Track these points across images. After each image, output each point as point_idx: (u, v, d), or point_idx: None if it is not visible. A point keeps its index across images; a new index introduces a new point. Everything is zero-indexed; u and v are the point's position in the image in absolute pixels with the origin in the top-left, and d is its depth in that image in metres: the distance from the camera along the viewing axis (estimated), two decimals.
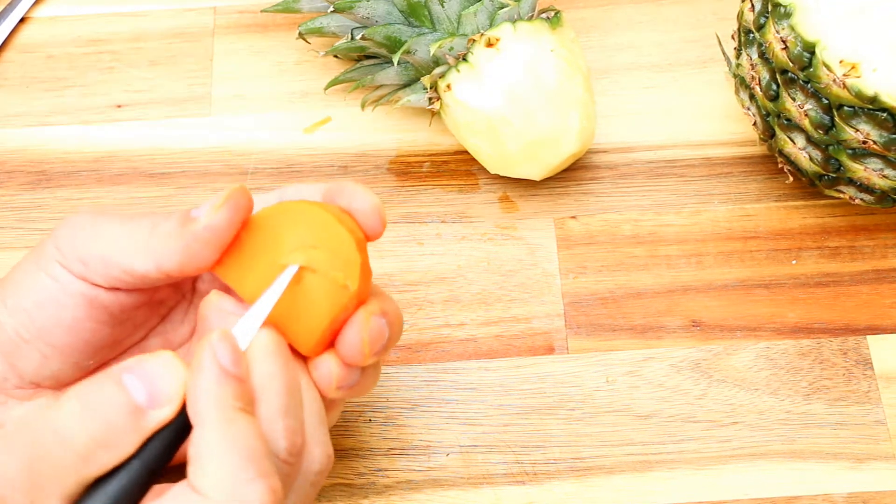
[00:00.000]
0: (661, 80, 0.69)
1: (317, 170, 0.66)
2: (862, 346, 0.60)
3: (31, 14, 0.72)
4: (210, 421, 0.44)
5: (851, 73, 0.54)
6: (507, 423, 0.59)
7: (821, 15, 0.55)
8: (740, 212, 0.65)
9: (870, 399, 0.59)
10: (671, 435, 0.58)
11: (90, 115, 0.68)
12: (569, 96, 0.61)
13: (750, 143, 0.67)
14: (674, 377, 0.60)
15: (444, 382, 0.60)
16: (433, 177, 0.66)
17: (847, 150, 0.57)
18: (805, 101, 0.57)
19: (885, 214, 0.64)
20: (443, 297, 0.62)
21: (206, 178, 0.66)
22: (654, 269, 0.63)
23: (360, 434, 0.59)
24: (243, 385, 0.45)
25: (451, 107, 0.61)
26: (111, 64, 0.70)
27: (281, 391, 0.46)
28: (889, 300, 0.62)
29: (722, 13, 0.71)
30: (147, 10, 0.72)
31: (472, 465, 0.58)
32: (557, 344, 0.61)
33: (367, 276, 0.48)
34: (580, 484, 0.57)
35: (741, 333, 0.61)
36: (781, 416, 0.59)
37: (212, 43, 0.71)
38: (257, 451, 0.44)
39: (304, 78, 0.70)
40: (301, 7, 0.66)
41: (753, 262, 0.63)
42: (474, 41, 0.60)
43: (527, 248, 0.64)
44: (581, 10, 0.71)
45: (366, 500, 0.57)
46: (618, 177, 0.66)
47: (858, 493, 0.57)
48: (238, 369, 0.45)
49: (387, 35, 0.62)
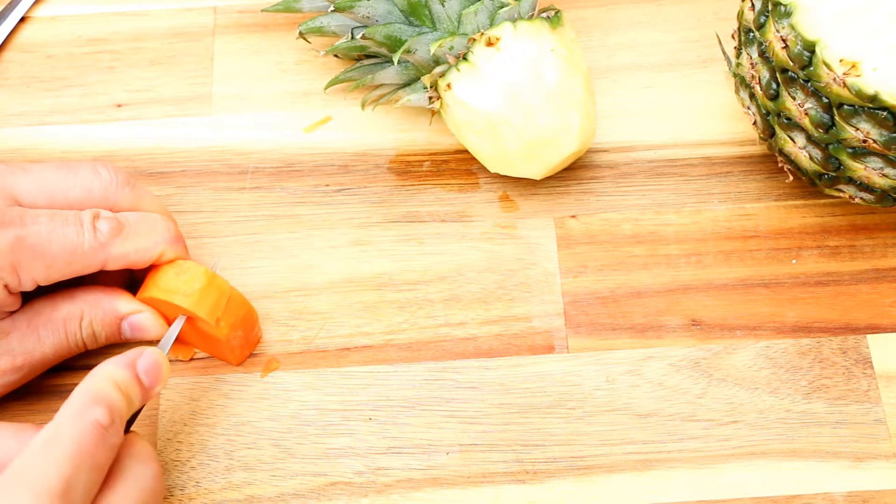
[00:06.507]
0: (662, 79, 0.69)
1: (317, 169, 0.66)
2: (862, 345, 0.60)
3: (31, 14, 0.72)
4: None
5: (852, 71, 0.54)
6: (507, 422, 0.59)
7: (821, 14, 0.55)
8: (740, 211, 0.65)
9: (869, 398, 0.59)
10: (671, 434, 0.58)
11: (90, 114, 0.69)
12: (569, 96, 0.61)
13: (750, 142, 0.67)
14: (674, 376, 0.60)
15: (444, 381, 0.60)
16: (433, 176, 0.66)
17: (847, 149, 0.57)
18: (805, 100, 0.57)
19: (885, 213, 0.64)
20: (443, 297, 0.62)
21: (206, 178, 0.66)
22: (654, 268, 0.63)
23: (360, 432, 0.59)
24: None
25: (451, 106, 0.61)
26: (111, 63, 0.70)
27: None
28: (889, 299, 0.62)
29: (722, 13, 0.71)
30: (147, 10, 0.72)
31: (473, 464, 0.58)
32: (557, 343, 0.61)
33: (226, 309, 0.58)
34: (580, 483, 0.57)
35: (741, 332, 0.61)
36: (781, 414, 0.59)
37: (212, 42, 0.71)
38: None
39: (304, 77, 0.70)
40: (301, 6, 0.66)
41: (753, 262, 0.63)
42: (475, 40, 0.60)
43: (527, 247, 0.64)
44: (581, 10, 0.71)
45: (366, 499, 0.57)
46: (618, 176, 0.66)
47: (858, 492, 0.57)
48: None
49: (387, 34, 0.62)
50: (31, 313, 0.57)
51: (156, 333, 0.59)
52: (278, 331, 0.62)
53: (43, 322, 0.57)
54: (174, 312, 0.58)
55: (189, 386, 0.60)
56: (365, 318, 0.62)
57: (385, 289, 0.63)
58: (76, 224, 0.56)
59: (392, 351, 0.61)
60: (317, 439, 0.59)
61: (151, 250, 0.58)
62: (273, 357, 0.61)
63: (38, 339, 0.57)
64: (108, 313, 0.58)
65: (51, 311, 0.57)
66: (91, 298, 0.58)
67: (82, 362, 0.60)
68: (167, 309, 0.58)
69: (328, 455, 0.58)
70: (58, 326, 0.57)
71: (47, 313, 0.57)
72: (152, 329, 0.59)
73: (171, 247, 0.58)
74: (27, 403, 0.60)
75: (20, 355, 0.57)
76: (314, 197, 0.66)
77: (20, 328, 0.57)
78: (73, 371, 0.60)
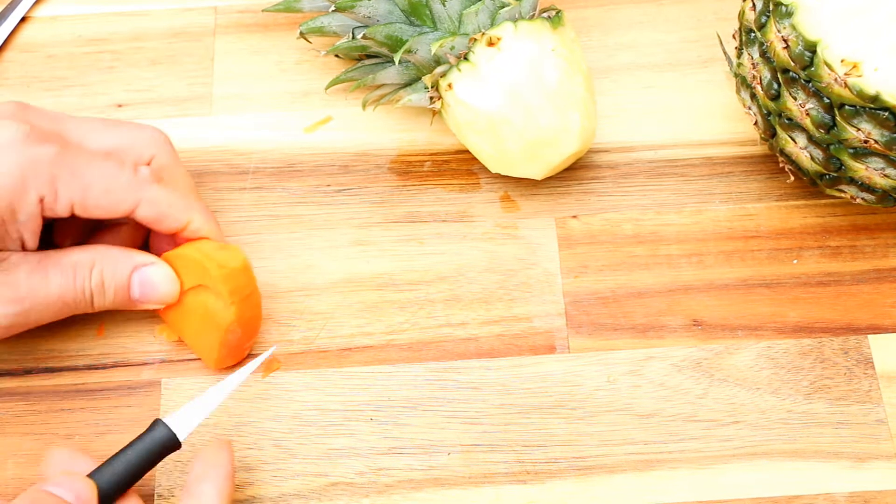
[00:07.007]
0: (662, 79, 0.69)
1: (318, 169, 0.66)
2: (863, 346, 0.60)
3: (32, 14, 0.72)
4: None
5: (853, 72, 0.54)
6: (508, 423, 0.59)
7: (822, 14, 0.55)
8: (741, 211, 0.65)
9: (871, 398, 0.59)
10: (672, 434, 0.58)
11: (91, 114, 0.68)
12: (570, 96, 0.61)
13: (751, 142, 0.67)
14: (675, 376, 0.60)
15: (445, 381, 0.60)
16: (434, 176, 0.66)
17: (848, 150, 0.57)
18: (806, 101, 0.57)
19: (887, 214, 0.64)
20: (444, 297, 0.62)
21: (206, 178, 0.66)
22: (655, 268, 0.63)
23: (362, 433, 0.59)
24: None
25: (452, 106, 0.61)
26: (112, 63, 0.70)
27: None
28: (890, 299, 0.62)
29: (723, 13, 0.71)
30: (148, 10, 0.72)
31: (474, 464, 0.58)
32: (559, 343, 0.61)
33: (244, 299, 0.58)
34: (581, 483, 0.57)
35: (742, 333, 0.61)
36: (783, 415, 0.59)
37: (212, 42, 0.71)
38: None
39: (304, 77, 0.70)
40: (302, 6, 0.66)
41: (754, 262, 0.63)
42: (475, 40, 0.60)
43: (528, 247, 0.64)
44: (582, 10, 0.71)
45: (367, 500, 0.57)
46: (619, 176, 0.66)
47: (860, 493, 0.57)
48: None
49: (388, 34, 0.62)
50: (43, 255, 0.57)
51: (164, 293, 0.58)
52: (279, 331, 0.62)
53: (52, 262, 0.57)
54: (196, 279, 0.58)
55: (189, 386, 0.60)
56: (366, 318, 0.62)
57: (386, 289, 0.63)
58: (117, 160, 0.57)
59: (393, 351, 0.61)
60: (318, 439, 0.59)
61: (183, 212, 0.58)
62: (274, 357, 0.61)
63: (45, 277, 0.57)
64: (120, 262, 0.58)
65: (62, 256, 0.58)
66: (104, 250, 0.58)
67: (84, 362, 0.61)
68: (192, 274, 0.58)
69: (329, 455, 0.58)
70: (67, 269, 0.57)
71: (58, 257, 0.58)
72: (162, 286, 0.58)
73: (200, 215, 0.59)
74: (28, 404, 0.60)
75: (25, 288, 0.56)
76: (315, 197, 0.66)
77: (30, 263, 0.57)
78: (75, 371, 0.60)
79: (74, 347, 0.61)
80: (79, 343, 0.61)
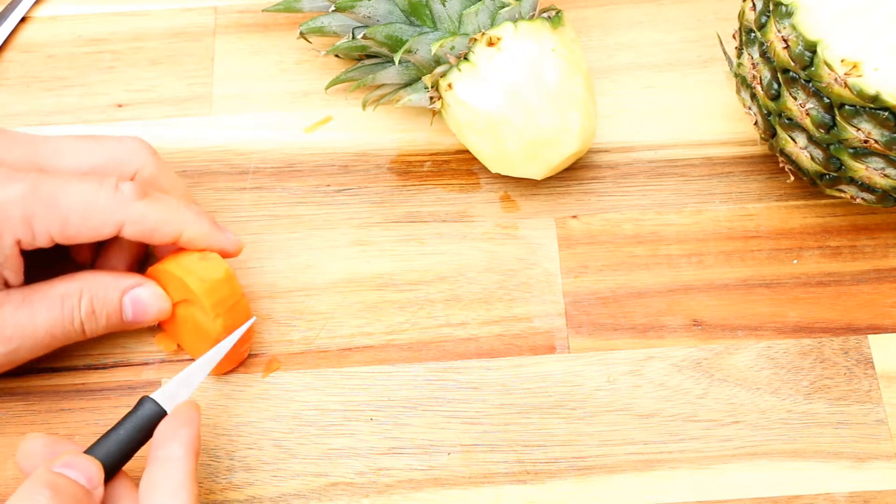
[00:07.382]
0: (662, 79, 0.69)
1: (317, 169, 0.66)
2: (863, 346, 0.61)
3: (32, 14, 0.72)
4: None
5: (853, 72, 0.54)
6: (508, 423, 0.59)
7: (822, 14, 0.55)
8: (741, 211, 0.65)
9: (871, 398, 0.59)
10: (672, 434, 0.58)
11: (91, 114, 0.68)
12: (570, 96, 0.61)
13: (751, 142, 0.67)
14: (675, 376, 0.60)
15: (445, 381, 0.60)
16: (434, 176, 0.66)
17: (848, 150, 0.57)
18: (806, 101, 0.57)
19: (887, 214, 0.64)
20: (444, 297, 0.62)
21: (206, 178, 0.66)
22: (655, 268, 0.63)
23: (362, 433, 0.59)
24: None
25: (452, 106, 0.61)
26: (112, 63, 0.70)
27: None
28: (890, 299, 0.62)
29: (723, 13, 0.71)
30: (147, 10, 0.72)
31: (474, 464, 0.58)
32: (559, 343, 0.61)
33: (229, 310, 0.58)
34: (581, 483, 0.57)
35: (742, 333, 0.61)
36: (783, 415, 0.59)
37: (212, 42, 0.71)
38: None
39: (304, 77, 0.70)
40: (302, 6, 0.66)
41: (754, 262, 0.63)
42: (475, 40, 0.60)
43: (528, 247, 0.64)
44: (582, 10, 0.71)
45: (367, 500, 0.57)
46: (619, 176, 0.66)
47: (860, 493, 0.57)
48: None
49: (388, 34, 0.62)
50: (28, 289, 0.56)
51: (157, 312, 0.58)
52: (279, 331, 0.62)
53: (39, 297, 0.56)
54: (181, 295, 0.58)
55: None
56: (366, 318, 0.62)
57: (386, 289, 0.63)
58: (95, 181, 0.55)
59: (393, 351, 0.61)
60: (318, 439, 0.59)
61: (173, 224, 0.56)
62: (274, 357, 0.61)
63: (31, 313, 0.56)
64: (109, 288, 0.57)
65: (48, 288, 0.56)
66: (91, 277, 0.57)
67: (84, 362, 0.61)
68: (176, 289, 0.58)
69: (329, 455, 0.58)
70: (54, 302, 0.56)
71: (45, 289, 0.56)
72: (154, 305, 0.58)
73: (193, 224, 0.57)
74: (28, 404, 0.60)
75: (10, 327, 0.55)
76: (315, 197, 0.66)
77: (14, 301, 0.56)
78: (75, 371, 0.60)
79: (74, 347, 0.61)
80: (79, 343, 0.61)
